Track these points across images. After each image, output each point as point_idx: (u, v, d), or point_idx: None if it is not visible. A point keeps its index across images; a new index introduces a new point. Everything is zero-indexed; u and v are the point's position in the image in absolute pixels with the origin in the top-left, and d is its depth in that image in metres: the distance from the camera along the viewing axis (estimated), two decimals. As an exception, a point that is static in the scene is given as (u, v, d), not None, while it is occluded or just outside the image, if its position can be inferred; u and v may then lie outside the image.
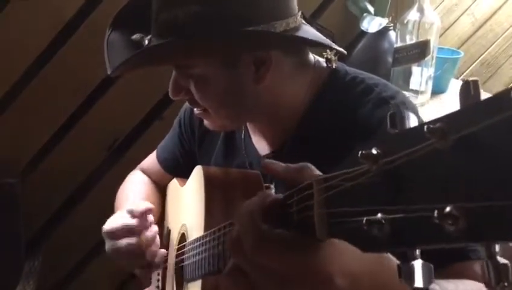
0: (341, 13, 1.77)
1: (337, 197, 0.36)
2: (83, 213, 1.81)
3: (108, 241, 0.96)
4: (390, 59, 1.63)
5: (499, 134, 0.24)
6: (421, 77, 1.59)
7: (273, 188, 0.80)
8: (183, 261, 0.94)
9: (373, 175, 0.32)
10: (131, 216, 0.94)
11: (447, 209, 0.26)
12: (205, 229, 0.80)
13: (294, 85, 0.87)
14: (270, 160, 0.50)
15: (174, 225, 1.07)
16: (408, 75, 1.60)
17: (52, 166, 1.74)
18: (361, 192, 0.33)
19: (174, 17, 0.76)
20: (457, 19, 2.02)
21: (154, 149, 1.24)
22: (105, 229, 0.96)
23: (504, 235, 0.24)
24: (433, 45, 1.55)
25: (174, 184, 1.15)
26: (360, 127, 0.81)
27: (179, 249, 0.99)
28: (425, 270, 0.31)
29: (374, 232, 0.31)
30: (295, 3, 0.84)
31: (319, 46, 0.84)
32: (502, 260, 0.26)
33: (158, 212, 1.18)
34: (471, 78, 0.28)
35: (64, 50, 1.64)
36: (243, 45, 0.80)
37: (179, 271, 0.97)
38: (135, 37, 0.85)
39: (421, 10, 1.55)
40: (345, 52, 0.86)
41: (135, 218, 0.94)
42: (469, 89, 0.28)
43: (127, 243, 0.93)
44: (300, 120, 0.89)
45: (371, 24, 1.64)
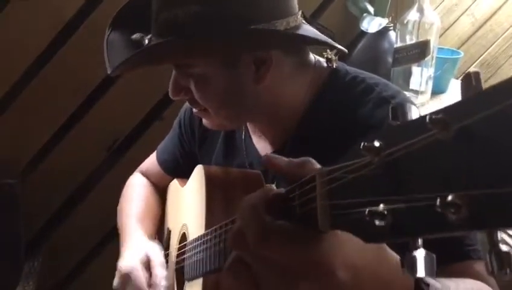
0: (341, 13, 1.77)
1: (340, 189, 0.36)
2: (83, 213, 1.81)
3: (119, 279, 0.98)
4: (390, 59, 1.63)
5: (501, 123, 0.25)
6: (421, 77, 1.59)
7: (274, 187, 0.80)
8: (183, 260, 0.93)
9: (375, 167, 0.32)
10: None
11: (449, 198, 0.26)
12: (206, 228, 0.80)
13: (295, 85, 0.87)
14: (272, 154, 0.50)
15: (175, 225, 1.07)
16: (408, 75, 1.60)
17: (52, 166, 1.74)
18: (364, 184, 0.33)
19: (174, 17, 0.76)
20: (457, 19, 2.02)
21: (154, 149, 1.24)
22: (123, 269, 0.97)
23: (506, 222, 0.24)
24: (433, 45, 1.56)
25: (174, 185, 1.15)
26: (360, 127, 0.80)
27: (179, 249, 0.99)
28: (428, 260, 0.31)
29: (376, 222, 0.31)
30: (295, 2, 0.84)
31: (320, 44, 0.84)
32: (504, 247, 0.26)
33: (158, 216, 1.18)
34: (472, 70, 0.28)
35: (64, 50, 1.64)
36: (243, 44, 0.80)
37: (180, 271, 0.97)
38: (135, 36, 0.85)
39: (421, 10, 1.56)
40: (346, 50, 0.86)
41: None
42: (470, 80, 0.28)
43: None
44: (301, 120, 0.88)
45: (371, 24, 1.65)
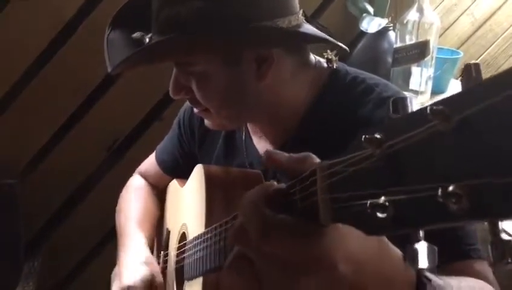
0: (341, 14, 1.77)
1: (341, 183, 0.36)
2: (83, 213, 1.81)
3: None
4: (389, 59, 1.63)
5: (501, 113, 0.25)
6: (420, 77, 1.59)
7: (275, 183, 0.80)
8: (183, 260, 0.93)
9: (376, 159, 0.32)
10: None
11: (450, 188, 0.26)
12: (206, 227, 0.80)
13: (296, 84, 0.87)
14: (272, 150, 0.50)
15: (174, 225, 1.07)
16: (408, 75, 1.60)
17: (52, 166, 1.74)
18: (365, 176, 0.33)
19: (176, 14, 0.76)
20: (457, 19, 2.02)
21: (153, 150, 1.23)
22: (124, 283, 0.98)
23: (507, 213, 0.24)
24: (433, 45, 1.56)
25: (173, 185, 1.15)
26: (360, 128, 0.80)
27: (179, 249, 0.99)
28: (430, 252, 0.31)
29: (378, 214, 0.31)
30: (296, 1, 0.84)
31: (321, 42, 0.84)
32: (505, 237, 0.26)
33: (157, 217, 1.18)
34: (472, 62, 0.28)
35: (64, 50, 1.64)
36: (245, 42, 0.80)
37: (179, 270, 0.97)
38: (136, 35, 0.85)
39: (420, 10, 1.56)
40: (348, 49, 0.86)
41: None
42: (471, 71, 0.28)
43: None
44: (301, 120, 0.88)
45: (371, 24, 1.65)
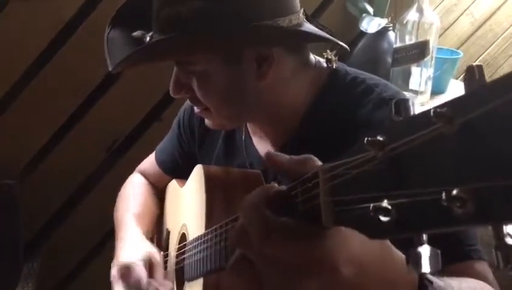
0: (340, 14, 1.77)
1: (343, 185, 0.36)
2: (82, 213, 1.81)
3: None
4: (389, 59, 1.63)
5: (505, 116, 0.25)
6: (420, 77, 1.59)
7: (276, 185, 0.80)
8: (183, 260, 0.93)
9: (379, 162, 0.32)
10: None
11: (455, 192, 0.26)
12: (206, 228, 0.80)
13: (296, 84, 0.87)
14: (273, 152, 0.49)
15: (174, 225, 1.07)
16: (407, 75, 1.60)
17: (52, 166, 1.74)
18: (367, 179, 0.33)
19: (177, 13, 0.76)
20: (457, 19, 2.02)
21: (153, 150, 1.23)
22: (123, 261, 0.97)
23: (512, 215, 0.24)
24: (433, 45, 1.56)
25: (173, 185, 1.14)
26: (360, 128, 0.80)
27: (179, 249, 0.98)
28: (433, 256, 0.31)
29: (380, 218, 0.30)
30: (297, 1, 0.84)
31: (322, 41, 0.84)
32: (510, 241, 0.26)
33: (156, 215, 1.17)
34: (475, 63, 0.28)
35: (64, 50, 1.64)
36: (245, 41, 0.80)
37: (180, 271, 0.96)
38: (136, 34, 0.85)
39: (420, 10, 1.56)
40: (348, 48, 0.86)
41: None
42: (474, 73, 0.28)
43: None
44: (301, 121, 0.88)
45: (370, 24, 1.65)
